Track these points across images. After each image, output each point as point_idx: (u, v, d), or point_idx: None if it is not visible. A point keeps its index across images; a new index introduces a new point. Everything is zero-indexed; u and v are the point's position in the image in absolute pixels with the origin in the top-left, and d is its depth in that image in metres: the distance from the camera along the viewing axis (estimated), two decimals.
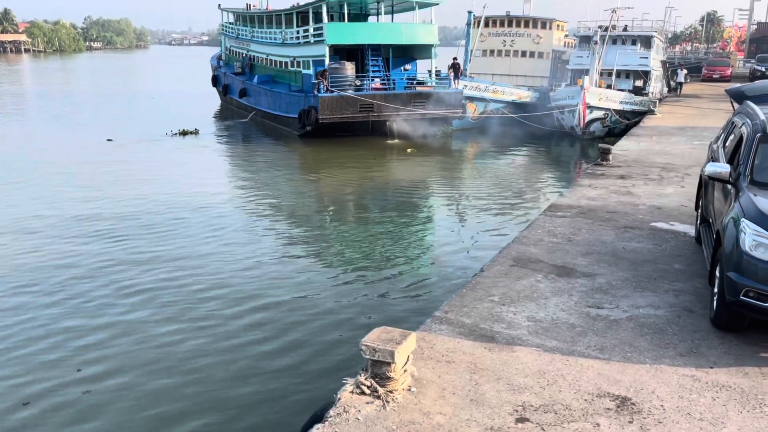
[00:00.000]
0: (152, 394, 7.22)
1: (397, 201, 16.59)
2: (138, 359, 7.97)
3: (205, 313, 9.31)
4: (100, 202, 15.72)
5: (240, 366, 7.82)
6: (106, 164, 20.71)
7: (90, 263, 11.33)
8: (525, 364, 5.36)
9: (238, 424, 6.67)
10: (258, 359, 8.00)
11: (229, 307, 9.53)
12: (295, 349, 8.25)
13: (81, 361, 7.94)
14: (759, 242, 5.36)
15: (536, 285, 7.13)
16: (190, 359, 7.97)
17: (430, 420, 4.55)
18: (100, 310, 9.39)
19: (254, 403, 7.03)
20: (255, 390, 7.29)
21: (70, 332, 8.72)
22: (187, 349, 8.26)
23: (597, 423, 4.55)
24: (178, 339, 8.51)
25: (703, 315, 6.34)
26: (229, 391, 7.27)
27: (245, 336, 8.62)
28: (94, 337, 8.58)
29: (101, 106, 39.53)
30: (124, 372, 7.68)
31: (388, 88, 27.05)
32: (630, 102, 27.96)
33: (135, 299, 9.78)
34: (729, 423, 4.57)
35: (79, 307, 9.53)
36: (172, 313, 9.29)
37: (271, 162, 22.41)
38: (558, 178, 20.65)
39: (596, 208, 10.59)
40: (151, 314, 9.27)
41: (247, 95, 33.68)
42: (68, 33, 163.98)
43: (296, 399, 7.07)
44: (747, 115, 7.24)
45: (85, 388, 7.34)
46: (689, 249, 8.43)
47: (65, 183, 17.88)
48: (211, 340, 8.48)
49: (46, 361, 7.95)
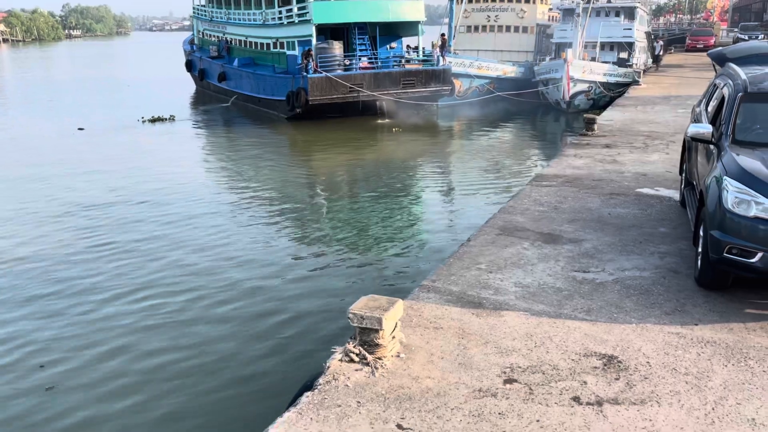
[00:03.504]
0: (138, 375, 7.21)
1: (385, 179, 16.56)
2: (123, 339, 7.95)
3: (197, 289, 9.29)
4: (67, 193, 14.99)
5: (232, 341, 7.84)
6: (77, 154, 19.99)
7: (56, 256, 10.81)
8: (512, 327, 5.39)
9: (231, 397, 6.69)
10: (249, 335, 8.02)
11: (220, 284, 9.52)
12: (285, 324, 8.27)
13: (43, 358, 7.53)
14: (741, 199, 5.39)
15: (523, 252, 7.15)
16: (183, 336, 7.97)
17: (419, 384, 4.57)
18: (75, 305, 9.13)
19: (247, 376, 7.06)
20: (248, 364, 7.31)
21: (33, 327, 8.32)
22: (180, 324, 8.24)
23: (584, 381, 4.59)
24: (170, 317, 8.50)
25: (688, 275, 6.39)
26: (222, 364, 7.30)
27: (237, 312, 8.63)
28: (64, 331, 8.21)
29: (75, 94, 38.68)
30: (107, 357, 7.66)
31: (375, 67, 26.84)
32: (614, 74, 27.96)
33: (113, 289, 9.63)
34: (714, 377, 4.63)
35: (46, 301, 9.10)
36: (161, 294, 9.26)
37: (258, 146, 22.17)
38: (544, 151, 20.69)
39: (582, 176, 10.62)
40: (134, 299, 9.21)
41: (227, 79, 33.11)
42: (47, 21, 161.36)
43: (288, 371, 7.09)
44: (729, 76, 7.25)
45: (48, 383, 7.06)
46: (674, 213, 8.49)
47: (30, 177, 16.84)
48: (204, 316, 8.48)
49: (5, 364, 7.45)
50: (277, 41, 29.58)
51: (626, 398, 4.37)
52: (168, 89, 39.45)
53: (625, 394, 4.42)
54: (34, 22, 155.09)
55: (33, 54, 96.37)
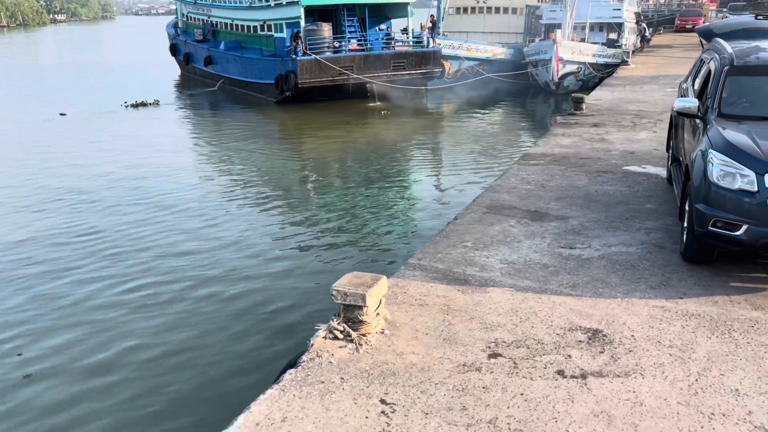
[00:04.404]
0: (119, 354, 7.16)
1: (374, 161, 16.47)
2: (104, 323, 7.88)
3: (182, 270, 9.23)
4: (47, 180, 14.66)
5: (217, 320, 7.80)
6: (58, 140, 19.63)
7: (34, 242, 10.61)
8: (498, 303, 5.37)
9: (214, 376, 6.66)
10: (233, 314, 7.98)
11: (206, 266, 9.46)
12: (271, 303, 8.24)
13: (20, 345, 7.41)
14: (726, 172, 5.37)
15: (509, 230, 7.12)
16: (167, 316, 7.92)
17: (404, 360, 4.54)
18: (58, 293, 9.09)
19: (231, 355, 7.03)
20: (232, 343, 7.29)
21: (10, 314, 8.17)
22: (164, 305, 8.18)
23: (569, 355, 4.58)
24: (155, 299, 8.43)
25: (673, 250, 6.39)
26: (206, 344, 7.27)
27: (222, 292, 8.58)
28: (42, 318, 8.05)
29: (58, 79, 38.11)
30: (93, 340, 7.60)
31: (365, 49, 26.57)
32: (603, 55, 27.85)
33: (93, 273, 9.55)
34: (698, 348, 4.63)
35: (24, 288, 8.92)
36: (144, 277, 9.19)
37: (246, 129, 21.97)
38: (532, 132, 20.63)
39: (569, 155, 10.58)
40: (115, 282, 9.13)
41: (213, 63, 32.66)
42: (31, 6, 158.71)
43: (272, 350, 7.07)
44: (715, 51, 7.20)
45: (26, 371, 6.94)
46: (661, 189, 8.48)
47: (8, 163, 16.54)
48: (189, 296, 8.43)
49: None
50: (264, 24, 29.22)
51: (610, 371, 4.37)
52: (152, 74, 38.84)
53: (609, 367, 4.41)
54: (19, 7, 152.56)
55: (17, 39, 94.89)
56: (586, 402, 4.03)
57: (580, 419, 3.87)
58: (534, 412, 3.94)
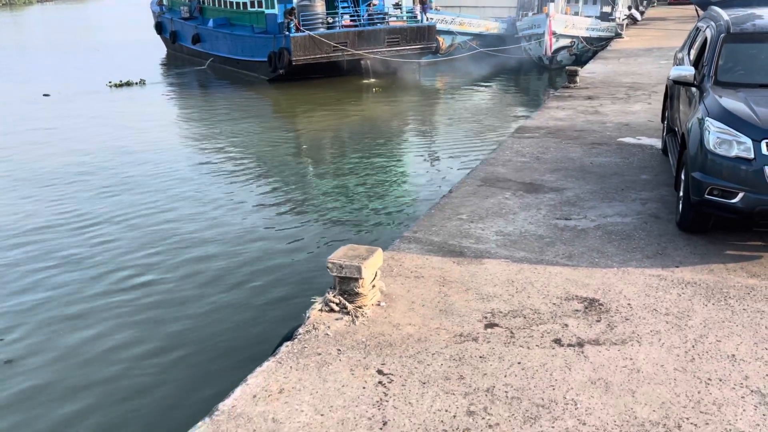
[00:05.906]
0: (112, 331, 7.12)
1: (369, 137, 16.35)
2: (93, 302, 7.83)
3: (176, 249, 9.16)
4: (30, 163, 14.23)
5: (213, 296, 7.74)
6: (41, 122, 19.11)
7: (18, 226, 10.30)
8: (494, 274, 5.35)
9: (211, 350, 6.63)
10: (229, 289, 7.92)
11: (201, 243, 9.39)
12: (267, 277, 8.19)
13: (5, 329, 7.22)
14: (723, 139, 5.33)
15: (504, 202, 7.08)
16: (164, 292, 7.87)
17: (400, 331, 4.53)
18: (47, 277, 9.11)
19: (229, 329, 6.99)
20: (228, 317, 7.24)
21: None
22: (161, 281, 8.14)
23: (565, 324, 4.57)
24: (149, 277, 8.38)
25: (669, 220, 6.38)
26: (204, 319, 7.22)
27: (218, 268, 8.52)
28: (23, 303, 7.83)
29: (43, 59, 37.37)
30: (86, 320, 7.55)
31: (359, 24, 26.23)
32: (597, 28, 27.62)
33: (79, 256, 9.45)
34: (694, 316, 4.63)
35: (4, 273, 8.68)
36: (136, 257, 9.12)
37: (238, 108, 21.69)
38: (526, 106, 20.49)
39: (564, 127, 10.52)
40: (103, 261, 8.98)
41: (201, 41, 32.09)
42: None
43: (269, 323, 7.05)
44: (711, 19, 7.12)
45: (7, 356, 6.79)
46: (656, 160, 8.45)
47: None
48: (185, 273, 8.37)
49: None
50: (254, 0, 28.77)
51: (607, 339, 4.37)
52: (137, 53, 38.12)
53: (606, 335, 4.41)
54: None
55: (3, 19, 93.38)
56: (583, 369, 4.03)
57: (577, 386, 3.87)
58: (531, 381, 3.94)
